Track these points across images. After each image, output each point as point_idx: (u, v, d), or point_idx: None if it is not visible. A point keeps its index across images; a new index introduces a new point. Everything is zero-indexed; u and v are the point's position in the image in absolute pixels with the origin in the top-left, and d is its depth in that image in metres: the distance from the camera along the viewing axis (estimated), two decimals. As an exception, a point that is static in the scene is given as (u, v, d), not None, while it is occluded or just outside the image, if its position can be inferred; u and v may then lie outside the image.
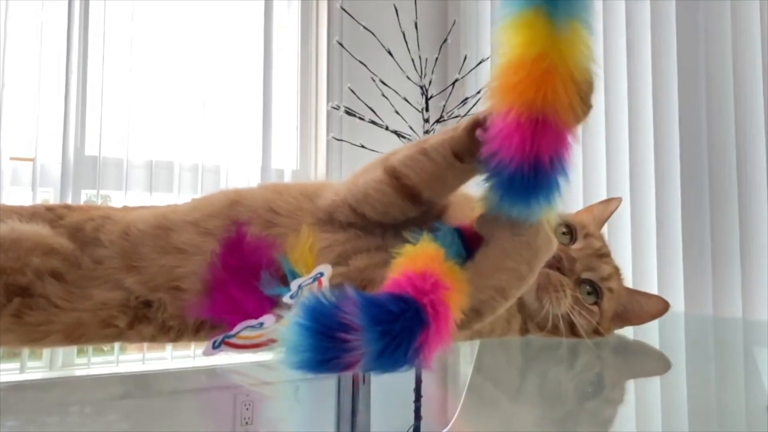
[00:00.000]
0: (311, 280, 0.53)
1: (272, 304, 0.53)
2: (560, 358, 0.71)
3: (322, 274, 0.54)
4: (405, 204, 0.58)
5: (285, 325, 0.42)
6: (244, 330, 0.51)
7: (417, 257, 0.47)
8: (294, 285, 0.53)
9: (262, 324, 0.51)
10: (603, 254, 0.72)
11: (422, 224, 0.57)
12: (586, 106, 0.48)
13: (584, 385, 0.67)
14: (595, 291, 0.70)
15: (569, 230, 0.72)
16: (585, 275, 0.70)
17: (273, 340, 0.47)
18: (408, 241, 0.50)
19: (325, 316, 0.41)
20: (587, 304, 0.68)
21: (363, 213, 0.59)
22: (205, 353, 0.50)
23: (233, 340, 0.50)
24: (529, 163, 0.47)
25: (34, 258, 0.58)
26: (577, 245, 0.71)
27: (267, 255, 0.57)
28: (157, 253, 0.60)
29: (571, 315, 0.66)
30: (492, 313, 0.53)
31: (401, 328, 0.41)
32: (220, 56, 2.12)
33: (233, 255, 0.57)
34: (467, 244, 0.53)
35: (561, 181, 0.49)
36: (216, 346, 0.50)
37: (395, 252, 0.49)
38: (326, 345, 0.40)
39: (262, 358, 0.58)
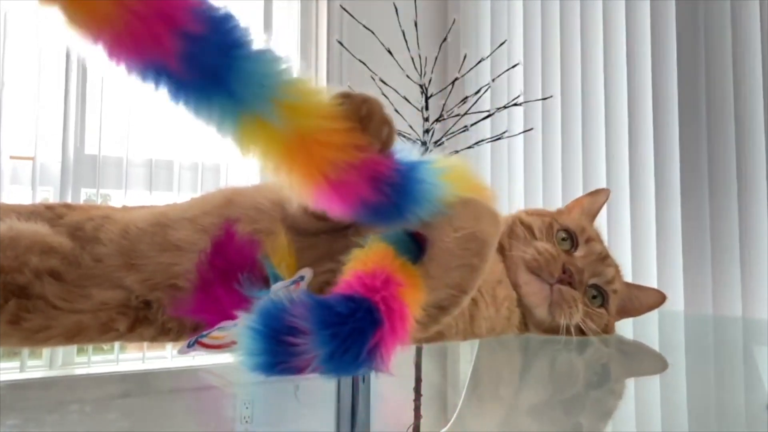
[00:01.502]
0: (290, 284, 0.53)
1: (251, 305, 0.53)
2: (566, 347, 0.71)
3: (302, 278, 0.53)
4: (324, 223, 0.56)
5: (241, 328, 0.41)
6: (215, 331, 0.50)
7: (367, 258, 0.47)
8: (274, 288, 0.53)
9: (236, 325, 0.51)
10: (605, 256, 0.72)
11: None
12: (370, 137, 0.47)
13: (590, 375, 0.67)
14: (601, 294, 0.70)
15: (569, 235, 0.72)
16: (591, 281, 0.70)
17: (235, 342, 0.47)
18: (357, 245, 0.49)
19: (274, 319, 0.40)
20: (594, 308, 0.69)
21: (305, 229, 0.58)
22: (180, 352, 0.49)
23: (205, 340, 0.49)
24: (360, 208, 0.47)
25: (32, 257, 0.57)
26: (580, 252, 0.71)
27: (253, 256, 0.56)
28: (155, 250, 0.59)
29: (582, 325, 0.67)
30: (457, 307, 0.51)
31: (351, 330, 0.40)
32: (220, 55, 2.12)
33: (219, 255, 0.57)
34: (415, 239, 0.52)
35: (415, 188, 0.48)
36: (190, 346, 0.49)
37: (345, 258, 0.48)
38: (276, 349, 0.40)
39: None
